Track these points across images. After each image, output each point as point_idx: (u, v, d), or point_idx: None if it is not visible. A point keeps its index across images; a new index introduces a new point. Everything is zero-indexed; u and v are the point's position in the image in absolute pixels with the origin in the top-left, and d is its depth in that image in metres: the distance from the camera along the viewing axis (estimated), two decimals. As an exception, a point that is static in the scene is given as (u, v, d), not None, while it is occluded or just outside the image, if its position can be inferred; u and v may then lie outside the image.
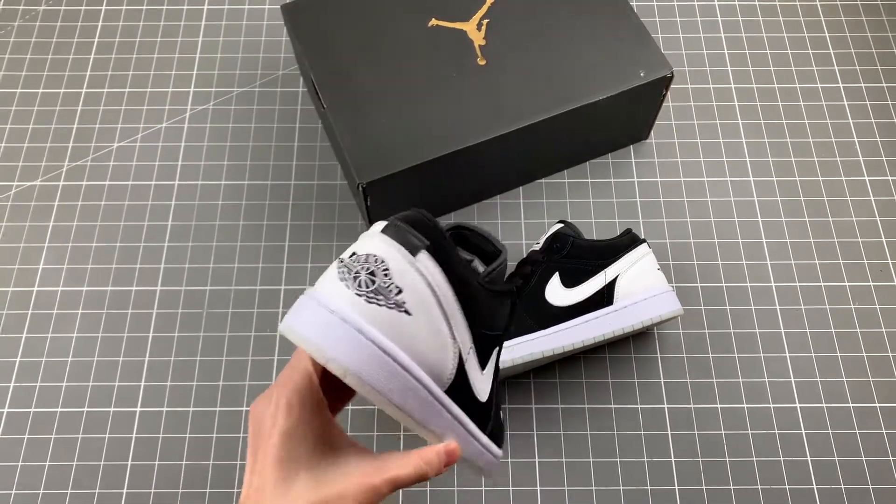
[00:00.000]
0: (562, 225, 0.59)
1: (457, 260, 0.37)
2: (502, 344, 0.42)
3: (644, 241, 0.59)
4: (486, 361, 0.40)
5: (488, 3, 0.66)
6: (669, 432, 0.59)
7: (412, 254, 0.35)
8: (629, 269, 0.58)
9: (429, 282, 0.35)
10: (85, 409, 0.59)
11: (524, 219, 0.67)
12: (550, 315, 0.56)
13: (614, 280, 0.57)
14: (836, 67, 0.75)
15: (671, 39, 0.76)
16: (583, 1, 0.65)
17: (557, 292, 0.56)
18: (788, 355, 0.61)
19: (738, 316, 0.63)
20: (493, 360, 0.41)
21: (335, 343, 0.32)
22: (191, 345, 0.62)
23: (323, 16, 0.65)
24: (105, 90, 0.74)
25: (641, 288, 0.57)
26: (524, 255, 0.62)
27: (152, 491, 0.57)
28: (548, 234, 0.59)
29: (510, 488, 0.57)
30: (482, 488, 0.57)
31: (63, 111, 0.72)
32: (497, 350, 0.41)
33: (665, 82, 0.63)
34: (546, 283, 0.57)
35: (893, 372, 0.61)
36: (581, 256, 0.58)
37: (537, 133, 0.61)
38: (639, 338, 0.62)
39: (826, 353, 0.62)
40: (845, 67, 0.75)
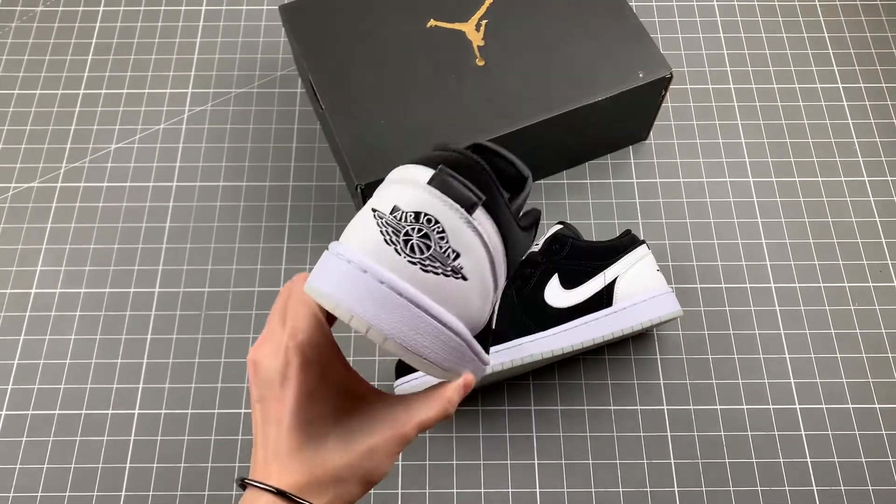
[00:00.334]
0: (561, 226, 0.59)
1: (505, 208, 0.33)
2: None
3: (643, 243, 0.59)
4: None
5: (487, 4, 0.65)
6: (669, 434, 0.59)
7: (469, 212, 0.31)
8: (628, 271, 0.58)
9: (485, 242, 0.32)
10: (83, 412, 0.59)
11: (523, 220, 0.67)
12: (550, 316, 0.56)
13: (613, 281, 0.57)
14: (836, 68, 0.75)
15: (670, 40, 0.76)
16: (581, 1, 0.65)
17: (557, 294, 0.56)
18: (788, 356, 0.61)
19: (738, 317, 0.63)
20: None
21: (396, 324, 0.29)
22: (189, 347, 0.62)
23: (321, 16, 0.65)
24: (103, 91, 0.73)
25: (641, 289, 0.57)
26: (523, 257, 0.62)
27: (151, 493, 0.57)
28: (547, 236, 0.59)
29: (510, 490, 0.57)
30: (481, 490, 0.57)
31: (60, 112, 0.72)
32: None
33: (664, 83, 0.63)
34: (545, 285, 0.57)
35: (893, 373, 0.61)
36: (580, 258, 0.57)
37: (536, 134, 0.61)
38: (638, 339, 0.62)
39: (826, 354, 0.61)
40: (844, 68, 0.75)
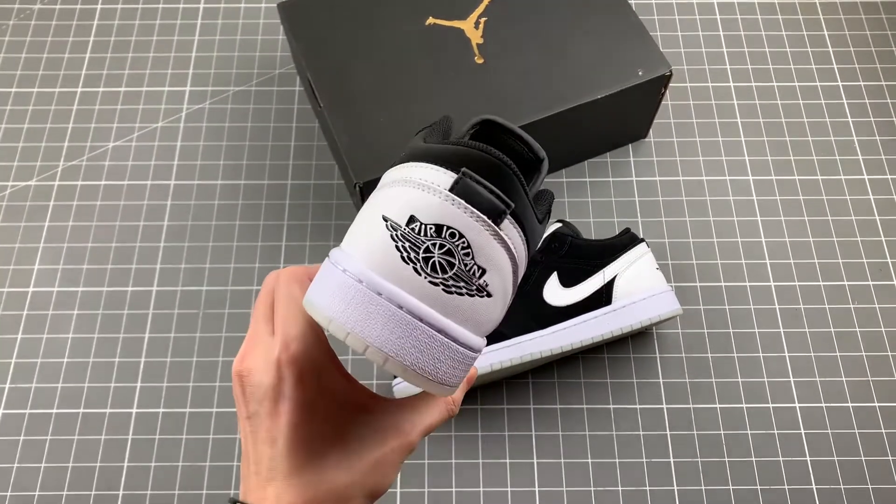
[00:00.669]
0: (560, 224, 0.59)
1: (531, 210, 0.30)
2: None
3: (643, 241, 0.59)
4: None
5: (486, 2, 0.65)
6: (668, 432, 0.58)
7: (496, 223, 0.28)
8: (628, 269, 0.57)
9: (512, 253, 0.29)
10: (81, 411, 0.59)
11: (522, 218, 0.67)
12: (549, 315, 0.56)
13: (613, 280, 0.57)
14: (836, 66, 0.75)
15: (670, 38, 0.76)
16: (581, -1, 0.65)
17: (556, 292, 0.56)
18: (788, 355, 0.61)
19: (738, 315, 0.63)
20: None
21: (418, 355, 0.27)
22: (187, 345, 0.62)
23: (319, 14, 0.65)
24: (100, 89, 0.73)
25: (640, 287, 0.57)
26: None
27: (148, 492, 0.56)
28: (546, 234, 0.59)
29: (508, 489, 0.57)
30: (480, 489, 0.57)
31: (58, 110, 0.72)
32: None
33: (663, 81, 0.63)
34: (544, 283, 0.56)
35: (893, 371, 0.61)
36: (579, 256, 0.57)
37: (535, 132, 0.61)
38: (637, 338, 0.62)
39: (825, 353, 0.61)
40: (844, 66, 0.75)
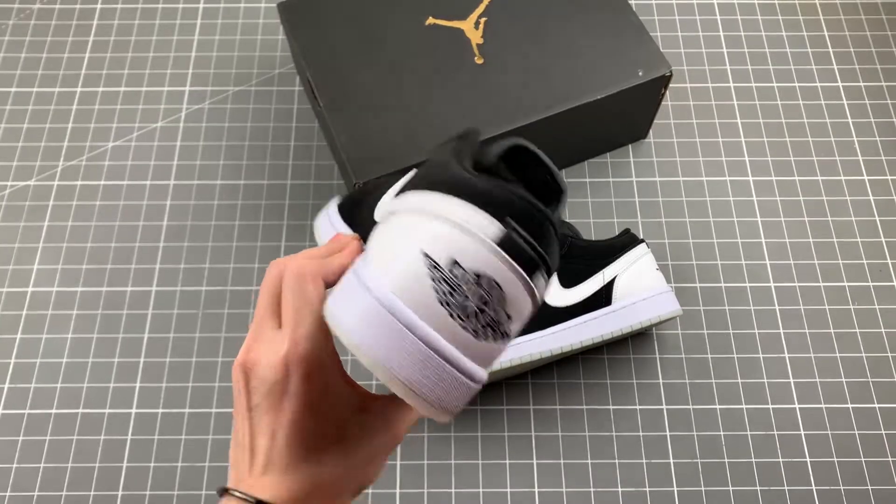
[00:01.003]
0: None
1: (559, 256, 0.31)
2: None
3: (642, 241, 0.59)
4: None
5: (486, 2, 0.65)
6: (668, 433, 0.58)
7: (531, 275, 0.29)
8: (627, 270, 0.57)
9: (537, 303, 0.30)
10: (80, 411, 0.59)
11: (522, 218, 0.67)
12: (548, 315, 0.55)
13: (613, 280, 0.57)
14: (836, 66, 0.75)
15: (670, 38, 0.76)
16: (581, -1, 0.65)
17: (555, 292, 0.56)
18: (787, 356, 0.61)
19: (737, 316, 0.63)
20: None
21: (438, 391, 0.28)
22: (186, 346, 0.61)
23: (319, 14, 0.65)
24: (100, 89, 0.73)
25: (640, 288, 0.57)
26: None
27: (147, 493, 0.56)
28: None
29: (508, 490, 0.57)
30: (480, 490, 0.56)
31: (58, 110, 0.72)
32: None
33: (664, 81, 0.63)
34: (544, 284, 0.56)
35: (893, 372, 0.61)
36: (579, 256, 0.57)
37: (535, 132, 0.61)
38: (637, 338, 0.62)
39: (825, 354, 0.61)
40: (844, 66, 0.75)
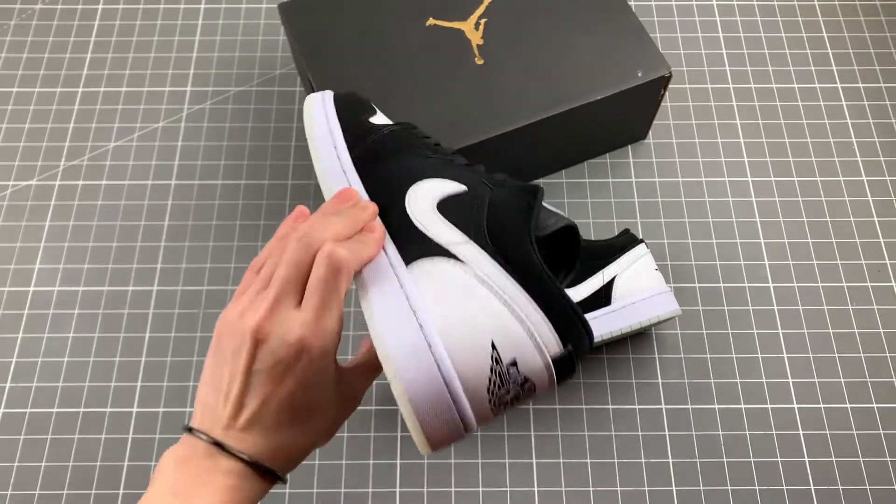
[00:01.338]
0: (559, 225, 0.59)
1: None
2: None
3: (642, 242, 0.59)
4: None
5: (486, 3, 0.65)
6: (667, 433, 0.59)
7: (560, 383, 0.36)
8: (627, 270, 0.58)
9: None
10: (81, 410, 0.59)
11: (522, 219, 0.67)
12: (548, 315, 0.56)
13: (612, 280, 0.57)
14: (835, 67, 0.75)
15: (669, 39, 0.76)
16: (580, 0, 0.65)
17: (555, 293, 0.56)
18: (786, 356, 0.61)
19: (736, 316, 0.63)
20: None
21: (447, 442, 0.34)
22: (188, 345, 0.62)
23: (320, 15, 0.65)
24: (102, 89, 0.73)
25: (639, 288, 0.57)
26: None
27: (149, 492, 0.56)
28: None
29: (508, 489, 0.57)
30: (479, 489, 0.57)
31: (59, 110, 0.72)
32: None
33: (663, 82, 0.63)
34: (544, 284, 0.56)
35: (891, 372, 0.61)
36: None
37: (535, 133, 0.61)
38: (636, 338, 0.62)
39: (824, 354, 0.61)
40: (843, 68, 0.75)
